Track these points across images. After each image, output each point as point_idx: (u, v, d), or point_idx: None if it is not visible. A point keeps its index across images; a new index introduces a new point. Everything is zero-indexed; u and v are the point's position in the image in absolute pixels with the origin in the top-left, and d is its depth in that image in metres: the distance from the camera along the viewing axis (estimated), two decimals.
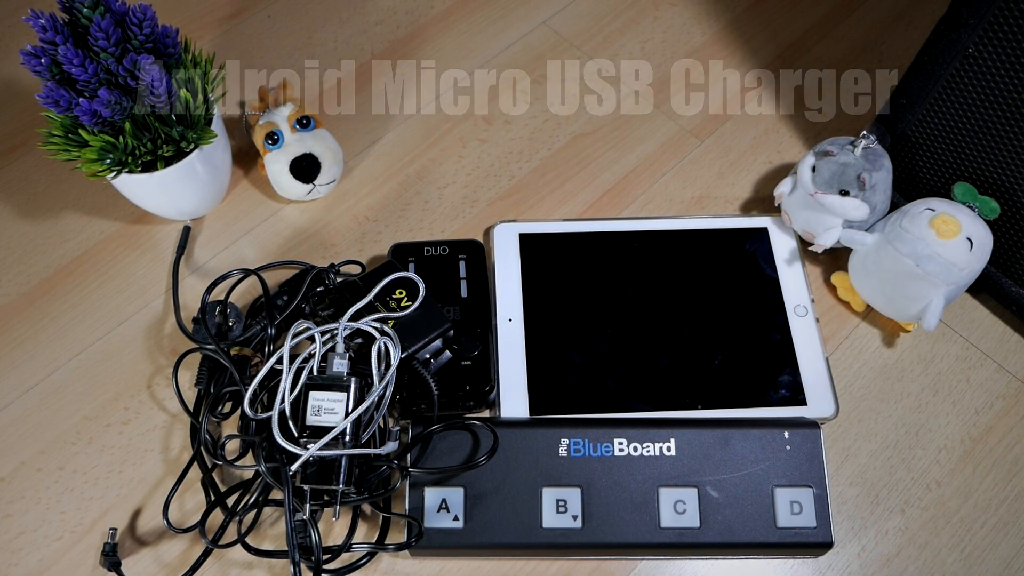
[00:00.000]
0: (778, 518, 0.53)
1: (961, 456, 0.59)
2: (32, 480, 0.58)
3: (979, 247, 0.57)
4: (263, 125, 0.68)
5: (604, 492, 0.53)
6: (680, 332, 0.62)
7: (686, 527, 0.53)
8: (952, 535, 0.56)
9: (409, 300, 0.56)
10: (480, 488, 0.53)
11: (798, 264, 0.65)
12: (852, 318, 0.65)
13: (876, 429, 0.60)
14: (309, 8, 0.83)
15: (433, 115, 0.75)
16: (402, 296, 0.56)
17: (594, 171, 0.72)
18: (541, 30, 0.81)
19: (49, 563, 0.55)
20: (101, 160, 0.56)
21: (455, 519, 0.53)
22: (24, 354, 0.63)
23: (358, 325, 0.54)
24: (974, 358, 0.63)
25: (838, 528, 0.56)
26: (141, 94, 0.55)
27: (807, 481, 0.54)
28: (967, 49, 0.55)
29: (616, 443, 0.55)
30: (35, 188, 0.71)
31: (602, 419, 0.57)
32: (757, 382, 0.60)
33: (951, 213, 0.57)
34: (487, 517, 0.53)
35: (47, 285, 0.66)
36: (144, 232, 0.69)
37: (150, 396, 0.61)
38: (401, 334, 0.54)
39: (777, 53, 0.80)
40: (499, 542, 0.53)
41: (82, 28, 0.54)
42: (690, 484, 0.54)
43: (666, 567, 0.55)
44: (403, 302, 0.56)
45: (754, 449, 0.55)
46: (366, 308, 0.56)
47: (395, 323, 0.54)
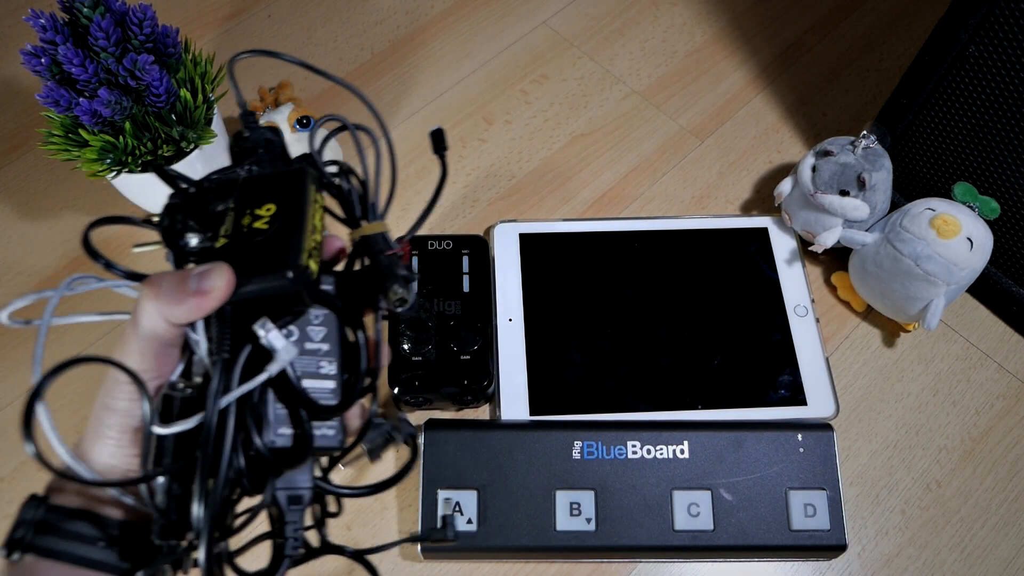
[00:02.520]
0: (792, 521, 0.53)
1: (961, 456, 0.59)
2: (33, 480, 0.58)
3: (979, 247, 0.57)
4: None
5: (618, 495, 0.53)
6: (680, 332, 0.62)
7: (700, 530, 0.53)
8: (952, 535, 0.56)
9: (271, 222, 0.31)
10: (494, 491, 0.53)
11: (798, 264, 0.65)
12: (852, 318, 0.65)
13: (876, 429, 0.60)
14: (309, 8, 0.83)
15: (433, 115, 0.75)
16: (267, 212, 0.32)
17: (594, 171, 0.72)
18: (541, 30, 0.81)
19: None
20: (101, 160, 0.56)
21: (468, 522, 0.52)
22: (24, 354, 0.63)
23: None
24: (974, 358, 0.63)
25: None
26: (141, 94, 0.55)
27: (821, 483, 0.54)
28: (967, 49, 0.55)
29: (629, 445, 0.55)
30: (35, 188, 0.71)
31: (615, 421, 0.57)
32: (757, 382, 0.60)
33: (951, 213, 0.57)
34: (501, 520, 0.53)
35: (48, 285, 0.66)
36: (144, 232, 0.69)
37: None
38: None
39: (777, 53, 0.80)
40: (513, 545, 0.52)
41: (82, 28, 0.54)
42: (704, 487, 0.54)
43: (666, 567, 0.55)
44: (260, 222, 0.31)
45: (767, 451, 0.55)
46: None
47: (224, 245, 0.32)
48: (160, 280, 0.30)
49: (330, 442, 0.32)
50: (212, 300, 0.29)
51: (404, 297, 0.32)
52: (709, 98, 0.77)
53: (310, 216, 0.31)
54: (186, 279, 0.29)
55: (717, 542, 0.52)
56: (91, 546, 0.31)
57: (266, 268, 0.30)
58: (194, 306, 0.29)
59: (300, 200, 0.32)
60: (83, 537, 0.31)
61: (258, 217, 0.31)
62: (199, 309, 0.29)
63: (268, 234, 0.31)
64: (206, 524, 0.28)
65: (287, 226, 0.31)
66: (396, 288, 0.32)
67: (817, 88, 0.78)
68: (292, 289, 0.29)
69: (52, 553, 0.31)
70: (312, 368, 0.32)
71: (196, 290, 0.29)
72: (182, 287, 0.29)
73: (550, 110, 0.76)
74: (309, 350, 0.32)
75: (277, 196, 0.32)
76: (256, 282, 0.30)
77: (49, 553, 0.31)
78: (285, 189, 0.32)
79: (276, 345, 0.29)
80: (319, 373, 0.32)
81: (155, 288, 0.30)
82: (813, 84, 0.78)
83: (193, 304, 0.29)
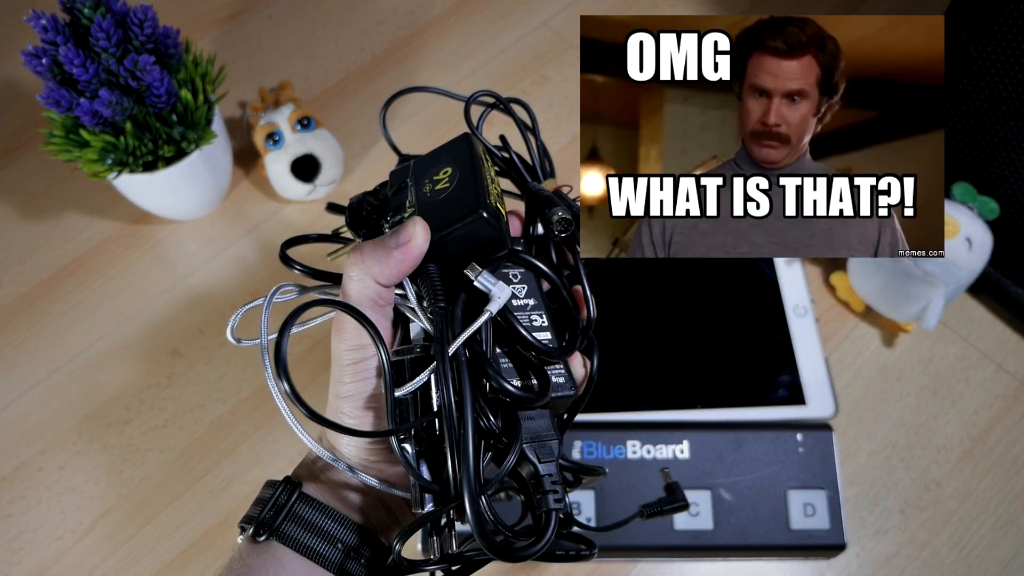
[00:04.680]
0: (791, 520, 0.53)
1: (960, 456, 0.59)
2: (33, 480, 0.58)
3: (978, 247, 0.57)
4: (264, 126, 0.68)
5: (618, 495, 0.54)
6: (680, 332, 0.62)
7: (700, 530, 0.53)
8: (951, 535, 0.56)
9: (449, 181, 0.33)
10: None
11: (797, 264, 0.65)
12: (851, 318, 0.65)
13: (875, 429, 0.60)
14: (310, 8, 0.83)
15: (434, 115, 0.76)
16: (444, 176, 0.33)
17: None
18: (541, 31, 0.81)
19: (50, 563, 0.55)
20: (102, 160, 0.56)
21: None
22: (25, 354, 0.63)
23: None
24: (973, 358, 0.63)
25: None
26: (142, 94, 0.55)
27: (820, 483, 0.54)
28: (968, 49, 0.55)
29: (629, 445, 0.55)
30: (36, 188, 0.71)
31: (615, 421, 0.57)
32: (756, 382, 0.60)
33: (950, 213, 0.57)
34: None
35: (48, 285, 0.66)
36: (145, 232, 0.69)
37: (151, 396, 0.61)
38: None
39: None
40: None
41: (83, 29, 0.54)
42: (703, 486, 0.54)
43: (666, 567, 0.55)
44: (440, 184, 0.33)
45: (767, 451, 0.55)
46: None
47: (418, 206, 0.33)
48: (362, 247, 0.30)
49: (563, 390, 0.31)
50: (413, 250, 0.29)
51: (566, 217, 0.33)
52: None
53: (486, 167, 0.33)
54: (385, 239, 0.30)
55: (717, 542, 0.53)
56: (332, 546, 0.31)
57: (459, 214, 0.30)
58: (398, 261, 0.29)
59: (472, 154, 0.33)
60: (327, 536, 0.31)
61: (437, 181, 0.33)
62: (404, 263, 0.29)
63: (451, 189, 0.32)
64: (465, 473, 0.26)
65: (466, 177, 0.32)
66: (556, 211, 0.32)
67: None
68: (487, 227, 0.30)
69: (296, 544, 0.30)
70: (527, 321, 0.32)
71: (396, 245, 0.29)
72: (383, 246, 0.29)
73: (550, 111, 0.76)
74: (518, 305, 0.33)
75: (450, 161, 0.33)
76: (453, 228, 0.30)
77: (293, 543, 0.30)
78: (455, 153, 0.34)
79: (489, 285, 0.29)
80: (533, 326, 0.32)
81: (358, 254, 0.30)
82: None
83: (397, 258, 0.29)
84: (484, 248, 0.31)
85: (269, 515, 0.30)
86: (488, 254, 0.31)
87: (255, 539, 0.30)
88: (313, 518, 0.31)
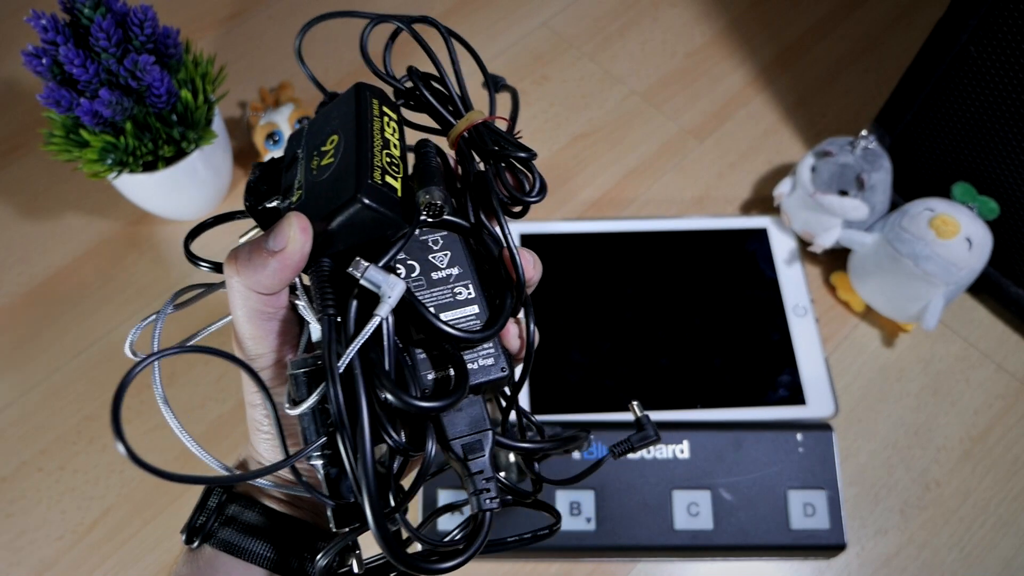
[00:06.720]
0: (791, 520, 0.53)
1: (960, 456, 0.59)
2: (33, 480, 0.58)
3: (978, 247, 0.57)
4: (264, 125, 0.68)
5: (618, 494, 0.54)
6: (680, 332, 0.62)
7: (700, 529, 0.53)
8: (951, 534, 0.56)
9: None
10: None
11: (797, 264, 0.65)
12: (851, 318, 0.65)
13: (875, 429, 0.60)
14: (309, 8, 0.83)
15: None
16: (331, 145, 0.28)
17: (594, 172, 0.72)
18: (541, 31, 0.81)
19: (50, 562, 0.55)
20: (102, 160, 0.56)
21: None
22: (25, 354, 0.63)
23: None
24: (973, 358, 0.63)
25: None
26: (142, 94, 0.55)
27: (820, 483, 0.54)
28: (968, 49, 0.55)
29: None
30: (36, 188, 0.71)
31: (615, 421, 0.57)
32: (757, 382, 0.60)
33: (950, 213, 0.57)
34: (502, 520, 0.53)
35: (48, 285, 0.66)
36: (145, 232, 0.69)
37: (151, 395, 0.61)
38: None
39: (777, 53, 0.80)
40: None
41: (83, 28, 0.54)
42: (703, 486, 0.54)
43: (666, 567, 0.55)
44: (327, 157, 0.28)
45: (767, 451, 0.55)
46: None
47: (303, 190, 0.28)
48: (237, 252, 0.27)
49: (491, 373, 0.27)
50: (293, 255, 0.25)
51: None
52: (709, 99, 0.77)
53: (374, 131, 0.28)
54: (262, 241, 0.26)
55: (717, 542, 0.53)
56: (265, 544, 0.30)
57: (338, 200, 0.25)
58: (275, 269, 0.26)
59: (359, 115, 0.28)
60: (260, 532, 0.30)
61: (324, 154, 0.28)
62: (282, 271, 0.26)
63: (334, 165, 0.27)
64: (366, 486, 0.23)
65: (349, 148, 0.27)
66: (430, 190, 0.27)
67: (816, 89, 0.78)
68: (369, 212, 0.25)
69: (228, 546, 0.29)
70: (447, 298, 0.28)
71: (271, 249, 0.25)
72: (259, 252, 0.26)
73: (550, 111, 0.76)
74: (437, 279, 0.28)
75: (337, 125, 0.28)
76: (333, 219, 0.26)
77: (225, 546, 0.29)
78: (343, 113, 0.29)
79: (377, 281, 0.25)
80: (457, 301, 0.28)
81: (232, 262, 0.27)
82: (812, 85, 0.78)
83: (275, 265, 0.25)
84: (377, 233, 0.26)
85: (201, 520, 0.30)
86: (388, 235, 0.26)
87: (189, 546, 0.30)
88: (245, 517, 0.30)
